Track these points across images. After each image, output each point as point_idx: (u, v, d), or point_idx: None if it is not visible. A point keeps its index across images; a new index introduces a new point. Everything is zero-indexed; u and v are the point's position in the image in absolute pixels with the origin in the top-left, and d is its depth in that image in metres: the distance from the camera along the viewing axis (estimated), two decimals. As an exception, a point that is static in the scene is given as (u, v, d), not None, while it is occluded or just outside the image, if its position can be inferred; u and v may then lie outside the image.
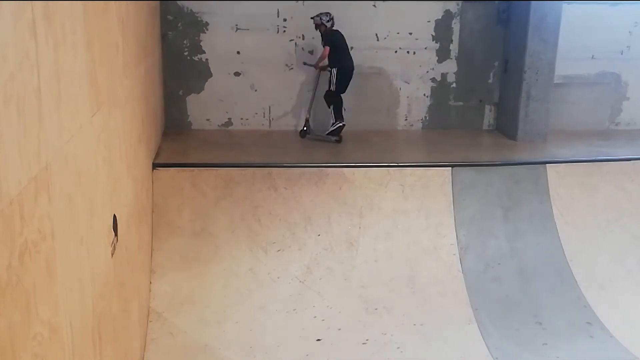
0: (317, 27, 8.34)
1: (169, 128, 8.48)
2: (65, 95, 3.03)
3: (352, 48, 8.69)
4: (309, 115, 8.56)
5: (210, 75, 8.61)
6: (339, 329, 6.09)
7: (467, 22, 8.90)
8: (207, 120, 8.75)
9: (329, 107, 8.44)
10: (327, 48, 8.21)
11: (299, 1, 8.53)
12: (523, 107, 8.50)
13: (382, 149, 8.18)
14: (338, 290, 6.48)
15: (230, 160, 7.28)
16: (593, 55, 9.15)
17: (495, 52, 9.01)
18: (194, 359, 5.69)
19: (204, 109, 8.70)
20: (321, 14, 8.27)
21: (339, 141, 8.38)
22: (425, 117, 9.17)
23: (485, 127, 9.30)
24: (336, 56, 8.27)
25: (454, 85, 9.09)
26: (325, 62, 8.35)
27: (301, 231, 6.82)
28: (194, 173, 6.90)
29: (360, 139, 8.64)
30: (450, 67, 9.01)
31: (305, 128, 8.54)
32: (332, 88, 8.35)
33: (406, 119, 9.13)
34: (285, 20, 8.56)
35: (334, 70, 8.29)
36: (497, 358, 5.85)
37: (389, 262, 6.72)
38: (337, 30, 8.34)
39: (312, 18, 8.31)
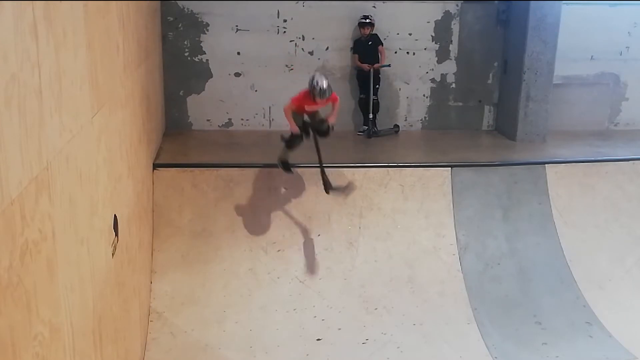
0: (369, 29, 8.49)
1: (170, 128, 8.49)
2: (66, 96, 3.05)
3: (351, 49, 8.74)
4: (373, 116, 8.60)
5: (211, 75, 8.62)
6: (339, 329, 6.10)
7: (467, 23, 8.91)
8: (208, 120, 8.76)
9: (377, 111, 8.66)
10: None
11: (299, 2, 8.55)
12: (522, 107, 8.51)
13: (381, 149, 8.20)
14: (338, 290, 6.49)
15: (230, 161, 7.29)
16: (592, 56, 9.15)
17: (495, 53, 9.02)
18: (194, 359, 5.71)
19: (205, 109, 8.71)
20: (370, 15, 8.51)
21: (397, 131, 8.92)
22: (425, 117, 9.18)
23: (484, 127, 9.31)
24: None
25: (453, 85, 9.10)
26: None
27: (301, 231, 6.83)
28: (195, 173, 6.91)
29: (360, 139, 8.66)
30: (449, 67, 9.02)
31: (375, 129, 8.59)
32: (378, 86, 8.65)
33: (406, 120, 9.14)
34: (285, 21, 8.57)
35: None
36: (496, 358, 5.87)
37: (389, 262, 6.73)
38: None
39: (367, 20, 8.45)
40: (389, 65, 8.62)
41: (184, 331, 5.92)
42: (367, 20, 8.47)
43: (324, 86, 6.16)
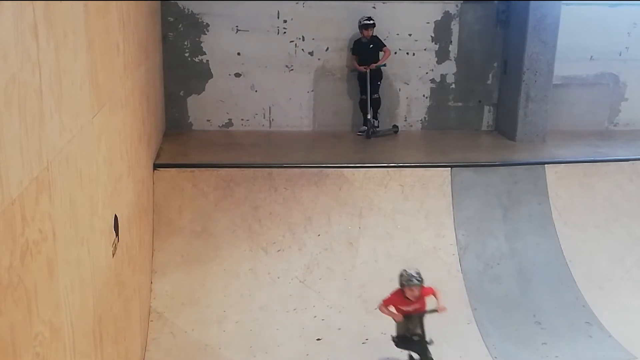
0: (372, 30, 8.48)
1: (170, 129, 8.49)
2: (66, 96, 3.05)
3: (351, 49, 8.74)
4: (371, 116, 8.59)
5: (211, 76, 8.63)
6: (339, 329, 6.10)
7: (467, 23, 8.91)
8: (208, 121, 8.77)
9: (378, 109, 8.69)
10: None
11: (299, 2, 8.55)
12: (522, 107, 8.51)
13: (381, 150, 8.20)
14: (338, 290, 6.49)
15: (230, 161, 7.29)
16: (592, 56, 9.16)
17: (495, 53, 9.02)
18: (195, 359, 5.71)
19: (205, 109, 8.72)
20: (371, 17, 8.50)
21: (396, 131, 8.94)
22: (425, 117, 9.18)
23: (484, 127, 9.31)
24: None
25: (453, 86, 9.10)
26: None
27: (301, 231, 6.83)
28: (195, 173, 6.92)
29: (360, 139, 8.66)
30: (449, 68, 9.02)
31: (373, 129, 8.59)
32: (379, 82, 8.65)
33: (406, 120, 9.14)
34: (285, 21, 8.57)
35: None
36: (496, 357, 5.87)
37: (389, 262, 6.71)
38: None
39: (371, 21, 8.44)
40: (384, 65, 8.60)
41: (184, 331, 5.92)
42: (371, 22, 8.45)
43: (414, 272, 5.47)
